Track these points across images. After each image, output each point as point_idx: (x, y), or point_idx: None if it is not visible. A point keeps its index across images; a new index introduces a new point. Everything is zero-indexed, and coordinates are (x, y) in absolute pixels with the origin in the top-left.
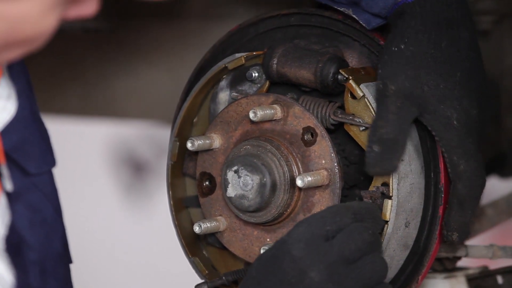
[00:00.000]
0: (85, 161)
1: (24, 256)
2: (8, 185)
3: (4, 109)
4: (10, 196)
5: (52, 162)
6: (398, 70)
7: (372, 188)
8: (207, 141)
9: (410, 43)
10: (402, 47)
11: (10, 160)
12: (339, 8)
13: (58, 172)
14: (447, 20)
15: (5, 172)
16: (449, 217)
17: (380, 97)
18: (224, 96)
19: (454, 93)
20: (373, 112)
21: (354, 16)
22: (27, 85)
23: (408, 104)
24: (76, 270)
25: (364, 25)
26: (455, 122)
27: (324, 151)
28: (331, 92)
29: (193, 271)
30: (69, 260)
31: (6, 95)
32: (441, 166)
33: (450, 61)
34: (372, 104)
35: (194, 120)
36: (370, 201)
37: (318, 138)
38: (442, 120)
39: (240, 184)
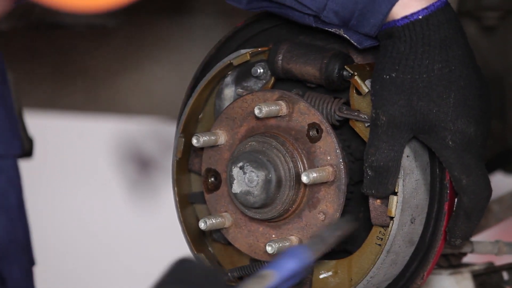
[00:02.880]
0: (90, 157)
1: None
2: None
3: None
4: None
5: (18, 147)
6: (389, 100)
7: None
8: (213, 137)
9: (401, 70)
10: (393, 75)
11: None
12: (330, 29)
13: (63, 168)
14: (438, 41)
15: None
16: (455, 226)
17: (372, 126)
18: (229, 92)
19: (448, 115)
20: None
21: (345, 36)
22: None
23: (400, 131)
24: (81, 266)
25: (356, 44)
26: (450, 143)
27: (329, 147)
28: (337, 88)
29: None
30: (31, 260)
31: None
32: None
33: (443, 83)
34: None
35: (200, 116)
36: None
37: (323, 134)
38: (437, 140)
39: (246, 180)
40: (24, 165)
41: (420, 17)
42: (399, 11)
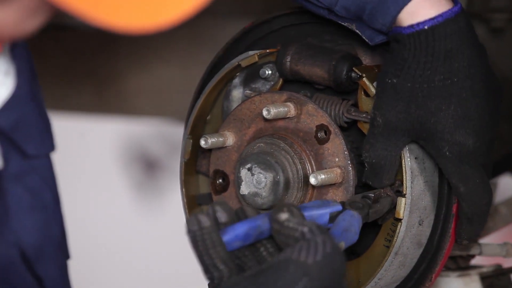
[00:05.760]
0: (97, 158)
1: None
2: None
3: (3, 84)
4: (5, 177)
5: (50, 145)
6: (387, 104)
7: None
8: (221, 139)
9: (402, 77)
10: (395, 81)
11: (8, 140)
12: (343, 23)
13: (70, 170)
14: (443, 52)
15: None
16: (460, 229)
17: (370, 124)
18: (237, 93)
19: (446, 127)
20: None
21: (357, 31)
22: (28, 65)
23: (396, 135)
24: (88, 268)
25: (367, 40)
26: (447, 153)
27: (337, 149)
28: (345, 90)
29: None
30: (67, 254)
31: (4, 71)
32: None
33: (443, 95)
34: None
35: (208, 118)
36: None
37: (331, 136)
38: (434, 149)
39: (254, 181)
40: None
41: (426, 27)
42: (406, 19)
